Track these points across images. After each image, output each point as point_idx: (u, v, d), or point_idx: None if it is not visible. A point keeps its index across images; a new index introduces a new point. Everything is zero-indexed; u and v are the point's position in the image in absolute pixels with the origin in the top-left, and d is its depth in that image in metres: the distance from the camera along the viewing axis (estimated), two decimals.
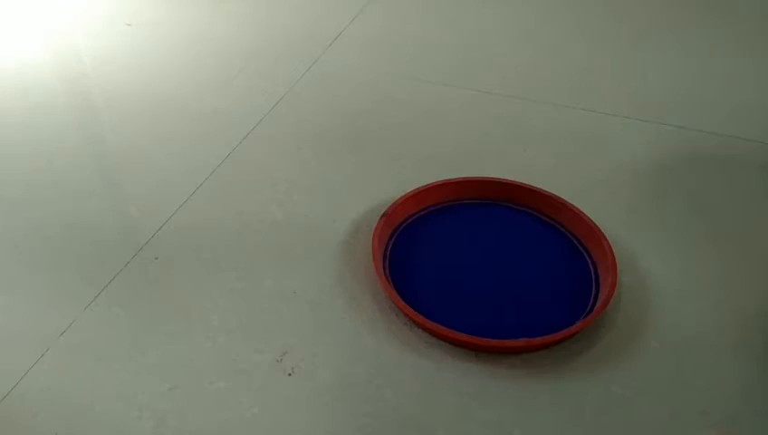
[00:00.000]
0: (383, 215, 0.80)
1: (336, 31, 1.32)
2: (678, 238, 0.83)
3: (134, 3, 1.46)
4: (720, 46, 1.26)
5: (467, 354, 0.68)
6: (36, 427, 0.62)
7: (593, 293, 0.75)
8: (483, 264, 0.79)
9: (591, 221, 0.80)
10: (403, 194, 0.85)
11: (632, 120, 1.05)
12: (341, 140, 1.01)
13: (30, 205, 0.89)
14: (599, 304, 0.71)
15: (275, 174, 0.94)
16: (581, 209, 0.82)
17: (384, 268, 0.77)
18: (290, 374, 0.66)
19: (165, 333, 0.71)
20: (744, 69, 1.19)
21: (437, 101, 1.11)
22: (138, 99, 1.13)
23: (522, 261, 0.79)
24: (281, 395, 0.64)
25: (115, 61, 1.25)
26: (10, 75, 1.20)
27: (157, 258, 0.80)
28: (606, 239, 0.77)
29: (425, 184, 0.87)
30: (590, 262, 0.78)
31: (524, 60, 1.23)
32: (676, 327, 0.71)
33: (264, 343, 0.69)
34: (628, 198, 0.89)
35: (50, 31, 1.36)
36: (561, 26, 1.35)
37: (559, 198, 0.84)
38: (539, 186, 0.86)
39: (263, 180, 0.93)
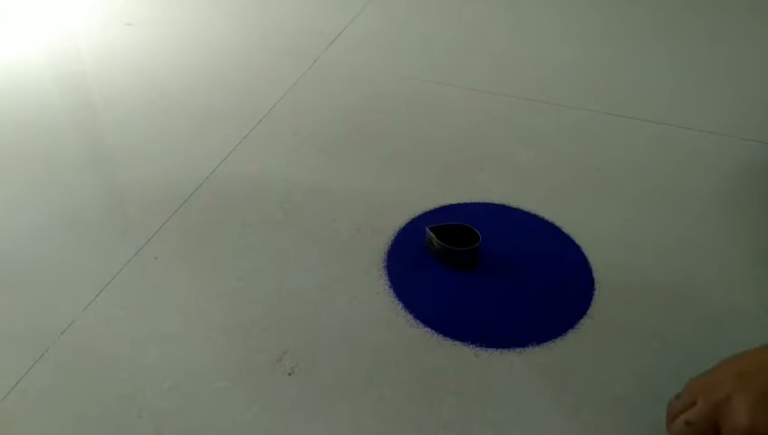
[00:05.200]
0: None
1: (336, 31, 1.32)
2: (678, 238, 0.83)
3: (134, 2, 1.46)
4: (721, 46, 1.26)
5: (467, 354, 0.68)
6: (35, 427, 0.62)
7: (593, 292, 0.75)
8: (483, 263, 0.79)
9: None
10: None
11: (633, 119, 1.05)
12: (341, 140, 1.01)
13: (29, 204, 0.89)
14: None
15: (275, 173, 0.94)
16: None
17: (385, 268, 0.77)
18: (290, 374, 0.66)
19: (165, 333, 0.71)
20: (745, 68, 1.19)
21: (437, 101, 1.11)
22: (137, 98, 1.13)
23: (522, 260, 0.79)
24: (281, 395, 0.64)
25: (115, 60, 1.25)
26: (10, 75, 1.20)
27: (157, 258, 0.80)
28: None
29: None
30: (589, 261, 0.78)
31: (524, 60, 1.23)
32: (678, 327, 0.71)
33: (264, 343, 0.69)
34: (628, 198, 0.89)
35: (50, 31, 1.36)
36: (560, 26, 1.35)
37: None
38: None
39: (262, 180, 0.93)
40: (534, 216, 0.85)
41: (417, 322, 0.71)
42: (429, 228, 0.78)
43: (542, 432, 0.61)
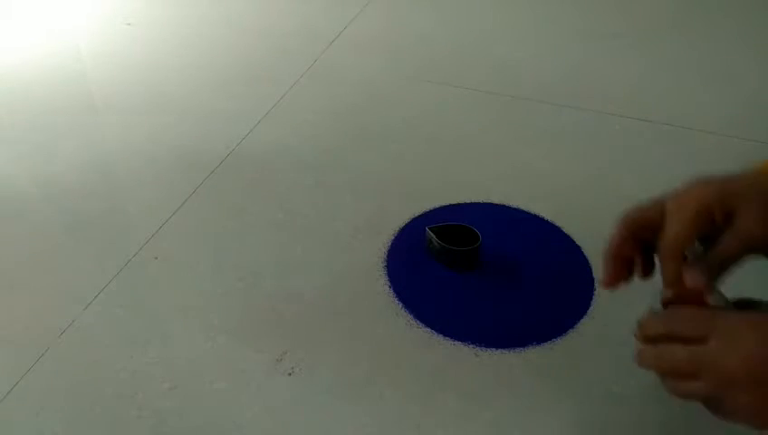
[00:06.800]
0: None
1: (336, 31, 1.32)
2: None
3: (134, 2, 1.46)
4: (722, 45, 1.26)
5: (467, 354, 0.68)
6: (36, 427, 0.62)
7: (593, 292, 0.75)
8: (483, 263, 0.79)
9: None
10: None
11: (632, 119, 1.05)
12: (341, 140, 1.01)
13: (29, 204, 0.89)
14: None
15: (275, 174, 0.94)
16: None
17: (385, 268, 0.77)
18: (290, 374, 0.66)
19: (165, 333, 0.71)
20: (745, 68, 1.19)
21: (437, 101, 1.11)
22: (137, 98, 1.13)
23: (521, 260, 0.79)
24: (281, 395, 0.64)
25: (115, 61, 1.25)
26: (10, 75, 1.20)
27: (156, 258, 0.80)
28: None
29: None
30: (589, 261, 0.78)
31: (524, 60, 1.23)
32: None
33: (264, 342, 0.69)
34: (627, 198, 0.89)
35: (50, 31, 1.35)
36: (560, 26, 1.35)
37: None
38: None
39: (262, 180, 0.93)
40: (534, 216, 0.85)
41: (418, 322, 0.71)
42: (429, 228, 0.78)
43: (542, 432, 0.61)
